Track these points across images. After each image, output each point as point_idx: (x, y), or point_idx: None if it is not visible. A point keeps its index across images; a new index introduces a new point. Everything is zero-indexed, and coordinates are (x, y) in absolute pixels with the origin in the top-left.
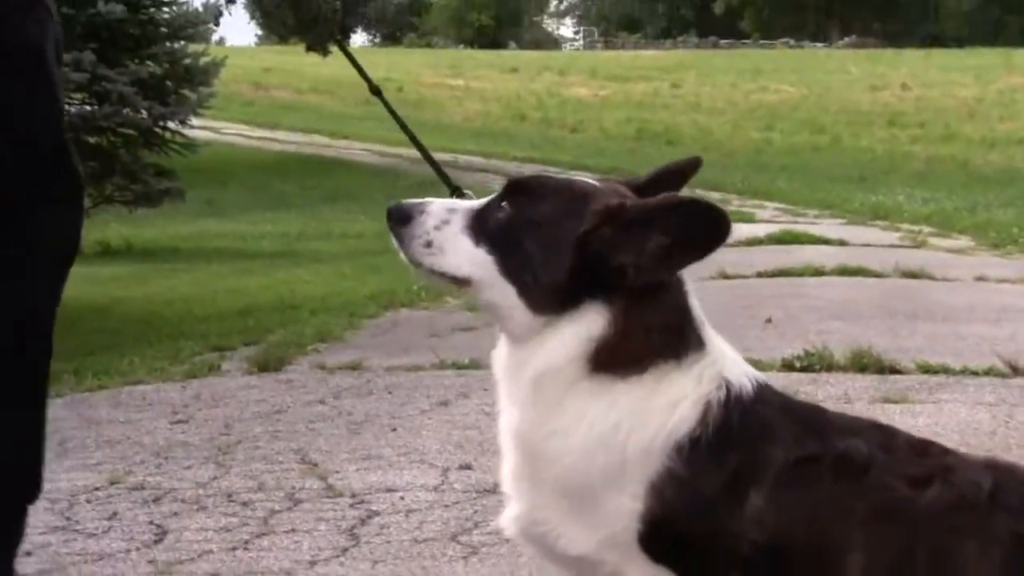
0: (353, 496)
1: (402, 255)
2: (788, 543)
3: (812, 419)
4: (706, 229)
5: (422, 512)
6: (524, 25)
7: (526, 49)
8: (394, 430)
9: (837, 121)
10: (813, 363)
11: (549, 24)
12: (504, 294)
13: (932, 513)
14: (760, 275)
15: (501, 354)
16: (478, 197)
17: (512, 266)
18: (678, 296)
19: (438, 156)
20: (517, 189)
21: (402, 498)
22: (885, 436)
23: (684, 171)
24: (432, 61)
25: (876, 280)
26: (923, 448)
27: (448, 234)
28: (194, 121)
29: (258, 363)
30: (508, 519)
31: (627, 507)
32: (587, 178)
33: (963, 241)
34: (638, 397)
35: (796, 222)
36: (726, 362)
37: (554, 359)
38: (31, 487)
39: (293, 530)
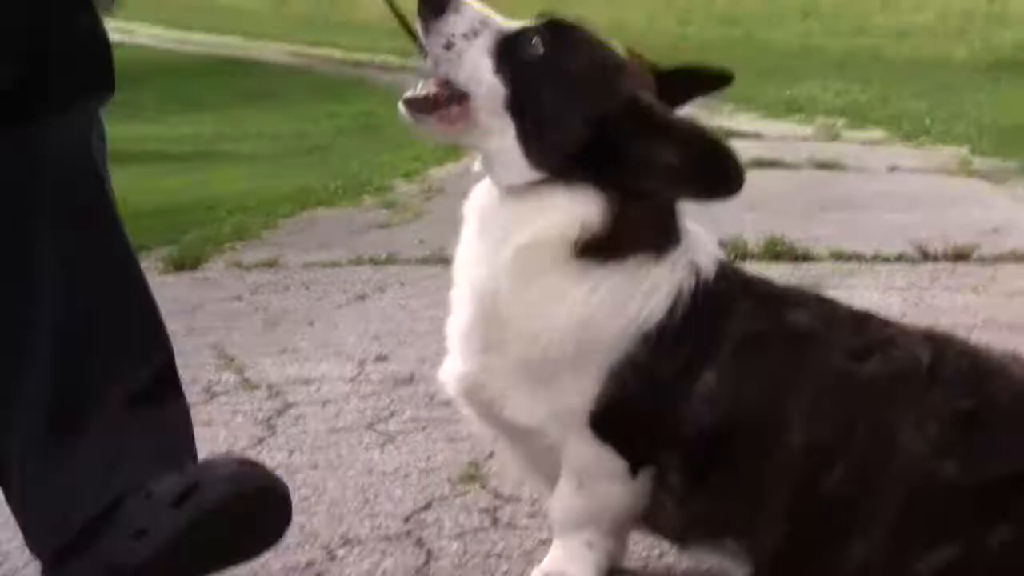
0: (269, 388)
1: (422, 47)
2: (734, 420)
3: (764, 293)
4: (717, 177)
5: (338, 402)
6: None
7: None
8: (311, 324)
9: (752, 14)
10: (728, 252)
11: None
12: (503, 133)
13: (872, 385)
14: None
15: (481, 202)
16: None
17: (523, 109)
18: None
19: (355, 58)
20: (555, 31)
21: (318, 389)
22: (827, 308)
23: (708, 83)
24: None
25: (790, 172)
26: (864, 320)
27: (473, 47)
28: (106, 23)
29: (174, 262)
30: (451, 376)
31: (586, 388)
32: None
33: (877, 132)
34: (617, 285)
35: (712, 117)
36: (697, 247)
37: (544, 234)
38: None
39: (210, 422)
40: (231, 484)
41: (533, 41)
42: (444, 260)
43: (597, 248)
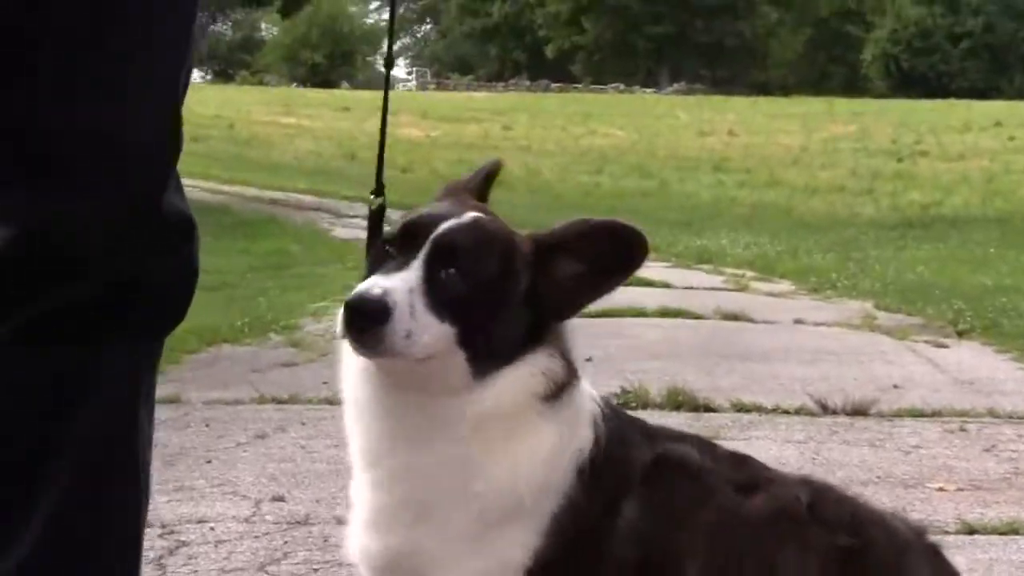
0: (163, 527)
1: (364, 353)
2: (649, 553)
3: (646, 426)
4: (621, 251)
5: (231, 543)
6: (357, 65)
7: (359, 89)
8: (209, 462)
9: (665, 166)
10: (629, 400)
11: (380, 64)
12: (454, 362)
13: (758, 521)
14: (584, 315)
15: (389, 401)
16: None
17: (470, 335)
18: None
19: (269, 195)
20: (452, 250)
21: (212, 529)
22: (707, 445)
23: (492, 175)
24: (264, 99)
25: (696, 321)
26: (742, 459)
27: (420, 319)
28: None
29: None
30: (370, 552)
31: (528, 540)
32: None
33: (784, 285)
34: (567, 421)
35: None
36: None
37: (509, 402)
38: None
39: None
40: None
41: (448, 271)
42: None
43: (551, 392)
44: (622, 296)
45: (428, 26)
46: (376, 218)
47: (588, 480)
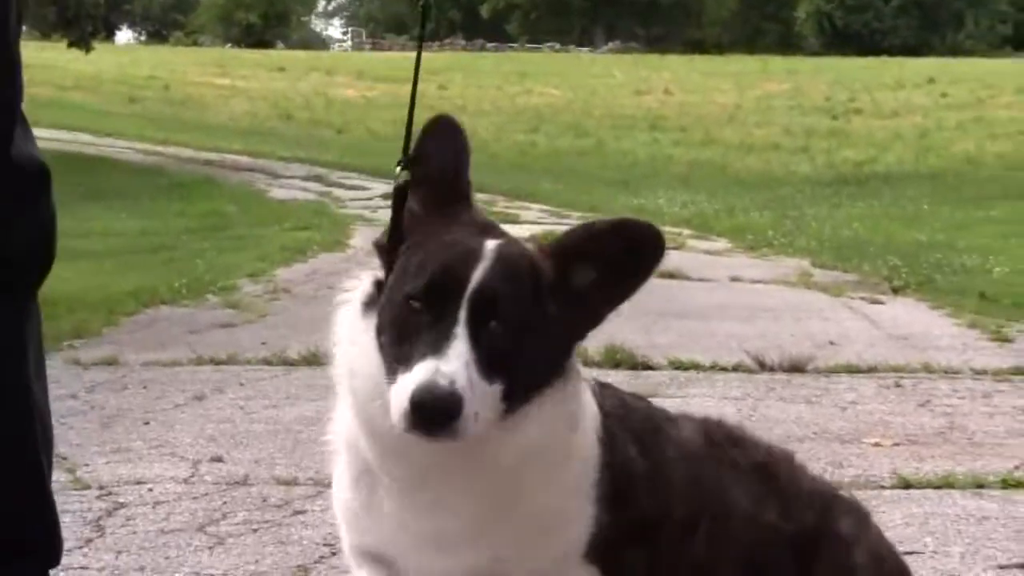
0: (100, 488)
1: (430, 441)
2: (658, 509)
3: (620, 402)
4: (634, 250)
5: (170, 503)
6: (292, 25)
7: (294, 49)
8: (147, 424)
9: (601, 125)
10: None
11: (317, 24)
12: (495, 413)
13: (704, 455)
14: None
15: (422, 449)
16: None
17: (514, 385)
18: None
19: (203, 155)
20: (490, 303)
21: (150, 490)
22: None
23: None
24: (198, 59)
25: None
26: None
27: (479, 393)
28: None
29: None
30: (434, 571)
31: (579, 536)
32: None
33: (720, 243)
34: (590, 405)
35: (560, 224)
36: None
37: (543, 444)
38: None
39: None
40: None
41: (490, 326)
42: (286, 361)
43: (576, 424)
44: None
45: None
46: (401, 193)
47: (612, 443)
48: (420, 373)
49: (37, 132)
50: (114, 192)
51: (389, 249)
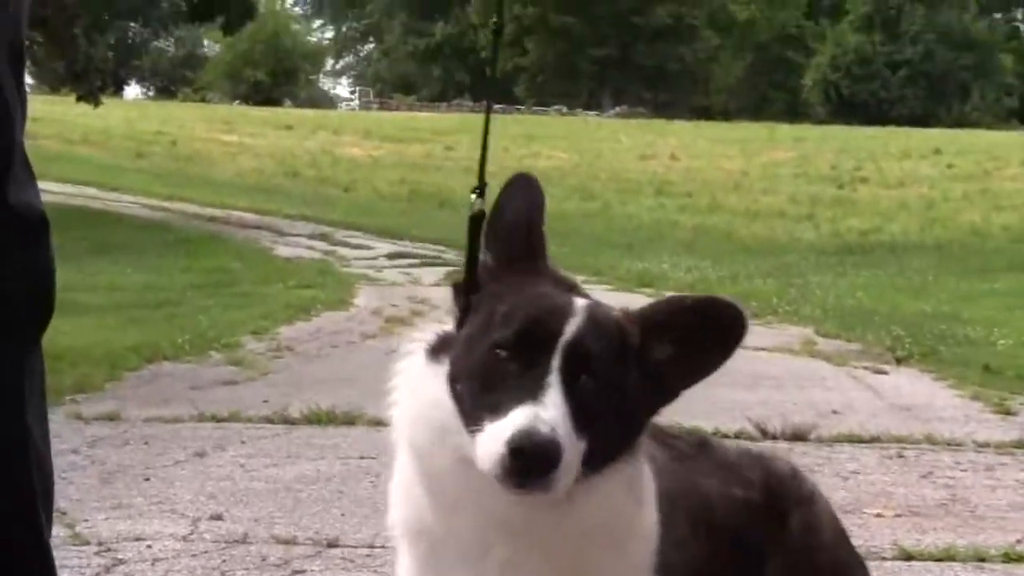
0: (100, 544)
1: (519, 494)
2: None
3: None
4: (716, 329)
5: (168, 561)
6: (299, 83)
7: (301, 107)
8: (147, 480)
9: (607, 189)
10: None
11: (325, 83)
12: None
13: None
14: None
15: (493, 504)
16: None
17: (596, 446)
18: None
19: (209, 212)
20: (584, 356)
21: (149, 547)
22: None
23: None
24: (206, 115)
25: None
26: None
27: (571, 448)
28: None
29: None
30: None
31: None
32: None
33: None
34: (647, 517)
35: None
36: None
37: (610, 517)
38: None
39: None
40: None
41: (578, 387)
42: (287, 420)
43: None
44: None
45: (371, 45)
46: (475, 223)
47: (665, 545)
48: (519, 418)
49: (43, 185)
50: (119, 247)
51: (465, 290)
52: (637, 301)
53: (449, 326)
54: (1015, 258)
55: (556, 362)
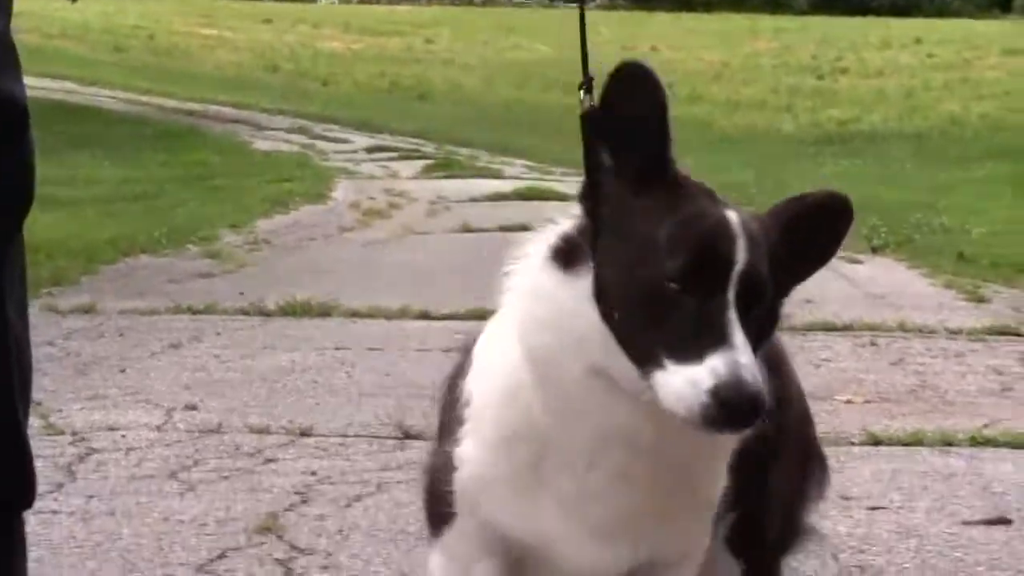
0: (74, 434)
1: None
2: None
3: None
4: (835, 226)
5: (142, 450)
6: None
7: (280, 0)
8: (122, 371)
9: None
10: None
11: None
12: None
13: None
14: (503, 229)
15: (629, 412)
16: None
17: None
18: None
19: (187, 106)
20: (756, 287)
21: (123, 436)
22: None
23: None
24: (184, 9)
25: None
26: None
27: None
28: None
29: None
30: (611, 562)
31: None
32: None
33: None
34: None
35: (543, 179)
36: None
37: None
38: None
39: None
40: None
41: (751, 319)
42: (263, 312)
43: None
44: (542, 210)
45: None
46: (590, 123)
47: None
48: (720, 366)
49: (30, 82)
50: (97, 140)
51: (589, 197)
52: None
53: (566, 227)
54: (992, 147)
55: (732, 294)
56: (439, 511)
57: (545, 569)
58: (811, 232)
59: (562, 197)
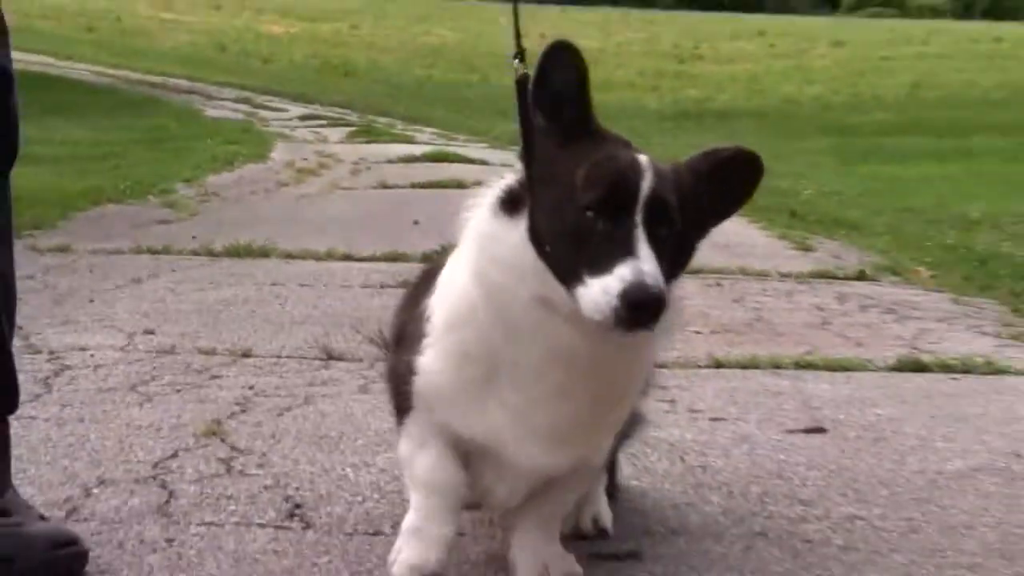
0: (50, 353)
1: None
2: None
3: None
4: (746, 177)
5: (108, 367)
6: None
7: None
8: (91, 301)
9: (486, 62)
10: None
11: None
12: None
13: None
14: (414, 186)
15: (566, 334)
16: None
17: (668, 282)
18: None
19: (149, 79)
20: (662, 208)
21: (92, 355)
22: None
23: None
24: None
25: None
26: None
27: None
28: None
29: None
30: (557, 462)
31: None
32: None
33: None
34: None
35: (448, 145)
36: None
37: (666, 340)
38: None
39: None
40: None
41: (659, 237)
42: (211, 253)
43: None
44: (448, 171)
45: None
46: (522, 86)
47: None
48: (627, 273)
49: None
50: (72, 107)
51: (526, 152)
52: (508, 157)
53: (510, 180)
54: (820, 123)
55: (639, 218)
56: (401, 406)
57: (492, 462)
58: (725, 180)
59: (464, 160)
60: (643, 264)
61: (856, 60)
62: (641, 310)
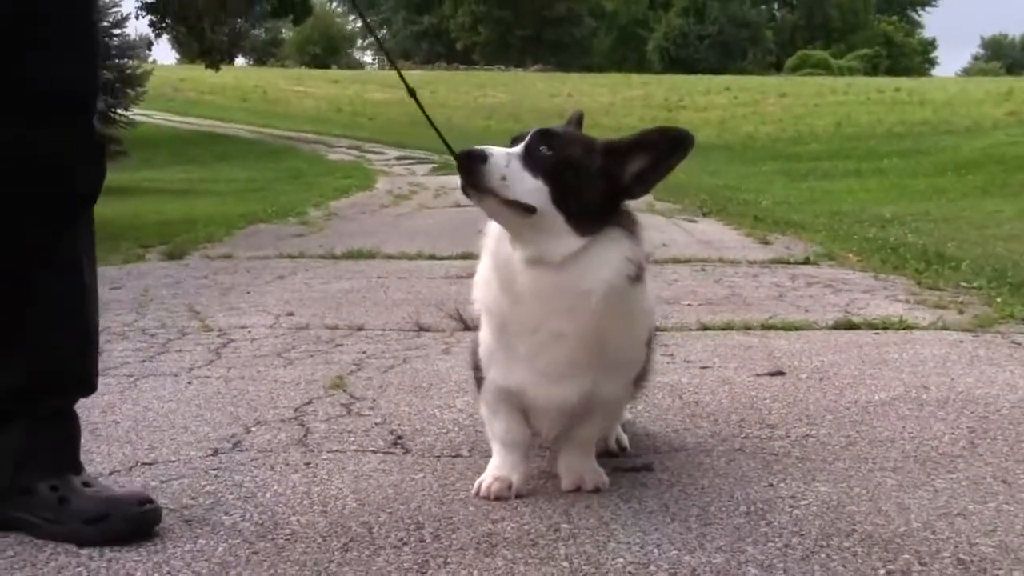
0: (219, 331)
1: (471, 189)
2: None
3: None
4: (675, 143)
5: (261, 340)
6: (341, 54)
7: (343, 68)
8: (248, 293)
9: (530, 116)
10: None
11: (356, 54)
12: (555, 220)
13: None
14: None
15: (531, 279)
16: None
17: (561, 195)
18: None
19: (287, 134)
20: (548, 137)
21: (249, 331)
22: None
23: (580, 122)
24: (285, 75)
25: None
26: None
27: (515, 169)
28: (134, 109)
29: (168, 254)
30: (566, 396)
31: (640, 359)
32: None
33: None
34: (647, 302)
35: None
36: None
37: (615, 280)
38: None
39: (181, 350)
40: (133, 525)
41: (541, 149)
42: (334, 256)
43: (639, 272)
44: None
45: (384, 30)
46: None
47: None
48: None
49: (187, 120)
50: (232, 156)
51: None
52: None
53: None
54: (771, 152)
55: (527, 139)
56: (477, 376)
57: (530, 405)
58: (657, 146)
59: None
60: (488, 149)
61: (796, 107)
62: (460, 157)
